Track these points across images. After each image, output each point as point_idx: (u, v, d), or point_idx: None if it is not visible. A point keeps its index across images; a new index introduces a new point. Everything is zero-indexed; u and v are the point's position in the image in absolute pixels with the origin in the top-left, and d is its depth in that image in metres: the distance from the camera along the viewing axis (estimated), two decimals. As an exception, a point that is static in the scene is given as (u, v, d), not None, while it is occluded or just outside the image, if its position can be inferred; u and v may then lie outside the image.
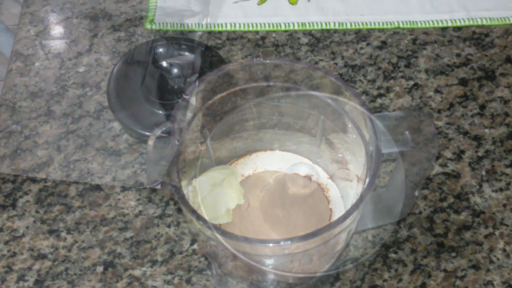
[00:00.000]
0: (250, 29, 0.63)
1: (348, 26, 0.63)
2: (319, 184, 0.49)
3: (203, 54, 0.58)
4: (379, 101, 0.57)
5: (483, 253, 0.49)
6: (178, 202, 0.47)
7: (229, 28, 0.63)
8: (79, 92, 0.59)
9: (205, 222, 0.37)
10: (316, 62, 0.60)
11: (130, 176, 0.53)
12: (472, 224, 0.50)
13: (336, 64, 0.60)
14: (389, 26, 0.63)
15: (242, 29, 0.63)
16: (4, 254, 0.50)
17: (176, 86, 0.56)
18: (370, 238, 0.49)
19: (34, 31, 0.64)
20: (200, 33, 0.62)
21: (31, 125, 0.56)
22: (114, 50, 0.62)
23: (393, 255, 0.49)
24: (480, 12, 0.64)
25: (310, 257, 0.42)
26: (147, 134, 0.53)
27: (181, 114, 0.42)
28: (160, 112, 0.54)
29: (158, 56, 0.58)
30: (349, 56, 0.61)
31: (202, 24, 0.63)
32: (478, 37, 0.62)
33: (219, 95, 0.44)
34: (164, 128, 0.41)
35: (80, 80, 0.59)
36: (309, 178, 0.45)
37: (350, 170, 0.47)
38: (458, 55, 0.61)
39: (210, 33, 0.62)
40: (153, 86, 0.56)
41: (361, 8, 0.64)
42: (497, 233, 0.50)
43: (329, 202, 0.49)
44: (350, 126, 0.43)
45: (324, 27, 0.63)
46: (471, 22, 0.63)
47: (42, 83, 0.59)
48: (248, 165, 0.51)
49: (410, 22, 0.63)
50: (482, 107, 0.57)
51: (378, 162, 0.38)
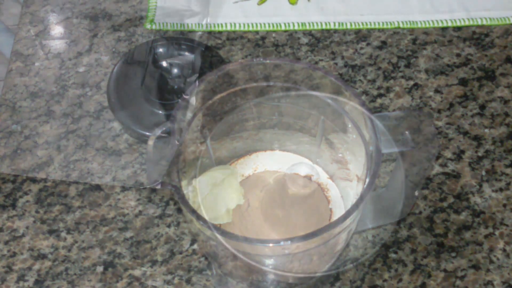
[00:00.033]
0: (250, 29, 0.63)
1: (348, 26, 0.63)
2: (319, 184, 0.49)
3: (203, 54, 0.58)
4: (379, 101, 0.57)
5: (483, 253, 0.49)
6: (178, 202, 0.47)
7: (229, 28, 0.63)
8: (79, 92, 0.59)
9: (205, 222, 0.37)
10: (316, 62, 0.60)
11: (130, 176, 0.53)
12: (472, 224, 0.50)
13: (336, 64, 0.60)
14: (389, 26, 0.63)
15: (242, 29, 0.63)
16: (4, 254, 0.50)
17: (176, 86, 0.56)
18: (370, 238, 0.49)
19: (34, 31, 0.64)
20: (200, 33, 0.62)
21: (31, 125, 0.56)
22: (114, 50, 0.62)
23: (393, 255, 0.49)
24: (480, 12, 0.64)
25: (310, 257, 0.42)
26: (147, 134, 0.53)
27: (181, 114, 0.42)
28: (160, 112, 0.54)
29: (158, 56, 0.58)
30: (349, 56, 0.61)
31: (202, 24, 0.63)
32: (478, 37, 0.62)
33: (219, 95, 0.44)
34: (164, 128, 0.41)
35: (80, 80, 0.59)
36: (309, 178, 0.45)
37: (350, 170, 0.47)
38: (458, 55, 0.61)
39: (210, 33, 0.62)
40: (153, 86, 0.56)
41: (361, 8, 0.64)
42: (497, 233, 0.50)
43: (329, 202, 0.49)
44: (350, 126, 0.43)
45: (324, 27, 0.63)
46: (471, 22, 0.63)
47: (42, 83, 0.59)
48: (248, 165, 0.51)
49: (410, 22, 0.63)
50: (482, 107, 0.57)
51: (378, 162, 0.38)
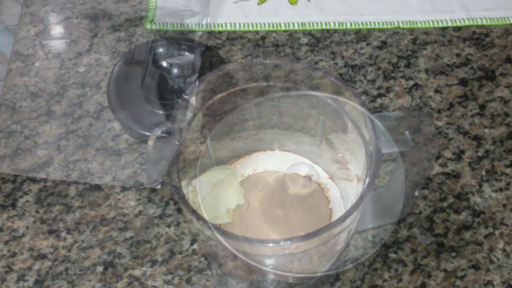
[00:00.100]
0: (250, 29, 0.63)
1: (348, 26, 0.63)
2: (319, 184, 0.49)
3: (203, 54, 0.58)
4: (379, 101, 0.57)
5: (483, 253, 0.49)
6: (178, 202, 0.47)
7: (229, 28, 0.63)
8: (79, 92, 0.59)
9: (205, 222, 0.37)
10: (316, 62, 0.60)
11: (130, 176, 0.53)
12: (472, 224, 0.50)
13: (336, 64, 0.60)
14: (389, 26, 0.63)
15: (242, 29, 0.63)
16: (4, 254, 0.50)
17: (176, 86, 0.56)
18: (370, 238, 0.49)
19: (34, 31, 0.64)
20: (200, 33, 0.62)
21: (31, 125, 0.56)
22: (114, 50, 0.62)
23: (393, 255, 0.49)
24: (480, 12, 0.64)
25: (310, 257, 0.42)
26: (147, 134, 0.53)
27: (181, 114, 0.42)
28: (160, 112, 0.54)
29: (158, 56, 0.58)
30: (349, 56, 0.61)
31: (202, 24, 0.63)
32: (478, 37, 0.62)
33: (219, 95, 0.44)
34: (164, 128, 0.41)
35: (80, 80, 0.59)
36: (309, 178, 0.45)
37: (350, 170, 0.47)
38: (458, 55, 0.60)
39: (210, 33, 0.62)
40: (153, 86, 0.56)
41: (361, 8, 0.64)
42: (497, 233, 0.50)
43: (329, 202, 0.49)
44: (350, 126, 0.43)
45: (324, 27, 0.63)
46: (471, 22, 0.63)
47: (42, 83, 0.59)
48: (248, 165, 0.51)
49: (410, 22, 0.63)
50: (482, 107, 0.57)
51: (378, 162, 0.38)
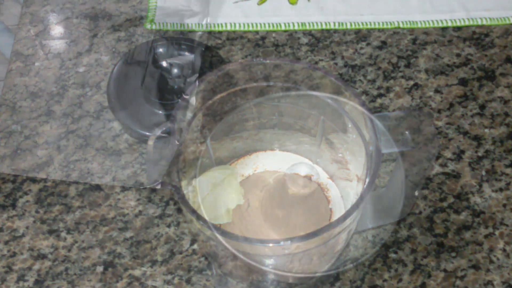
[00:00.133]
0: (250, 29, 0.63)
1: (348, 26, 0.63)
2: (319, 184, 0.49)
3: (203, 54, 0.58)
4: (379, 101, 0.57)
5: (483, 253, 0.49)
6: (178, 202, 0.47)
7: (229, 28, 0.63)
8: (79, 92, 0.59)
9: (205, 222, 0.37)
10: (316, 62, 0.60)
11: (130, 176, 0.53)
12: (472, 224, 0.50)
13: (336, 64, 0.60)
14: (389, 26, 0.63)
15: (242, 29, 0.63)
16: (4, 254, 0.50)
17: (176, 86, 0.56)
18: (370, 238, 0.49)
19: (34, 31, 0.64)
20: (200, 33, 0.62)
21: (31, 125, 0.56)
22: (114, 50, 0.62)
23: (393, 255, 0.49)
24: (480, 12, 0.64)
25: (310, 257, 0.42)
26: (147, 134, 0.53)
27: (181, 114, 0.42)
28: (160, 112, 0.54)
29: (158, 56, 0.58)
30: (349, 56, 0.61)
31: (202, 24, 0.63)
32: (478, 37, 0.62)
33: (219, 95, 0.44)
34: (164, 128, 0.41)
35: (80, 80, 0.59)
36: (309, 178, 0.45)
37: (350, 170, 0.47)
38: (458, 55, 0.60)
39: (210, 33, 0.62)
40: (153, 86, 0.56)
41: (361, 8, 0.64)
42: (497, 233, 0.50)
43: (329, 202, 0.49)
44: (350, 126, 0.43)
45: (324, 27, 0.63)
46: (471, 22, 0.63)
47: (42, 83, 0.59)
48: (248, 165, 0.51)
49: (410, 22, 0.63)
50: (482, 107, 0.57)
51: (378, 162, 0.38)
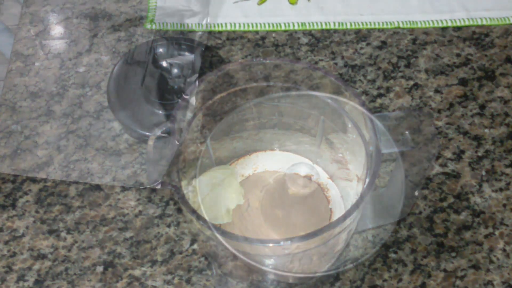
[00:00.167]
0: (250, 29, 0.63)
1: (348, 26, 0.63)
2: (319, 184, 0.49)
3: (203, 54, 0.58)
4: (379, 101, 0.57)
5: (483, 253, 0.49)
6: (178, 202, 0.47)
7: (229, 28, 0.63)
8: (79, 92, 0.59)
9: (205, 222, 0.37)
10: (316, 62, 0.60)
11: (130, 176, 0.53)
12: (472, 224, 0.50)
13: (336, 64, 0.60)
14: (389, 26, 0.63)
15: (242, 29, 0.63)
16: (4, 254, 0.50)
17: (176, 86, 0.56)
18: (370, 238, 0.49)
19: (34, 31, 0.64)
20: (200, 33, 0.62)
21: (31, 125, 0.56)
22: (114, 50, 0.62)
23: (393, 255, 0.49)
24: (480, 12, 0.64)
25: (310, 257, 0.42)
26: (147, 134, 0.53)
27: (181, 114, 0.42)
28: (160, 112, 0.54)
29: (158, 56, 0.58)
30: (349, 56, 0.61)
31: (202, 24, 0.63)
32: (478, 37, 0.62)
33: (219, 95, 0.44)
34: (164, 128, 0.41)
35: (80, 80, 0.59)
36: (309, 178, 0.45)
37: (350, 170, 0.47)
38: (458, 55, 0.61)
39: (210, 33, 0.62)
40: (153, 86, 0.56)
41: (361, 8, 0.64)
42: (497, 233, 0.50)
43: (329, 202, 0.49)
44: (350, 126, 0.43)
45: (324, 27, 0.63)
46: (471, 22, 0.63)
47: (42, 83, 0.59)
48: (248, 165, 0.51)
49: (410, 22, 0.63)
50: (482, 107, 0.57)
51: (378, 162, 0.38)
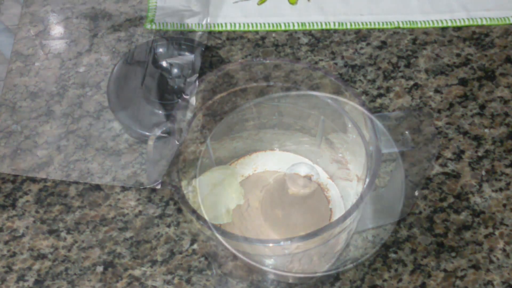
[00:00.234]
0: (250, 29, 0.63)
1: (348, 26, 0.63)
2: (319, 184, 0.49)
3: (203, 54, 0.58)
4: (379, 101, 0.57)
5: (483, 253, 0.49)
6: (178, 202, 0.47)
7: (229, 28, 0.63)
8: (79, 92, 0.59)
9: (205, 222, 0.37)
10: (316, 62, 0.60)
11: (130, 176, 0.53)
12: (472, 224, 0.50)
13: (336, 64, 0.60)
14: (389, 26, 0.63)
15: (242, 29, 0.63)
16: (4, 254, 0.50)
17: (176, 86, 0.56)
18: (370, 238, 0.49)
19: (34, 31, 0.64)
20: (200, 33, 0.62)
21: (31, 125, 0.56)
22: (114, 50, 0.62)
23: (393, 255, 0.49)
24: (480, 12, 0.64)
25: (310, 257, 0.42)
26: (147, 134, 0.53)
27: (181, 114, 0.42)
28: (160, 112, 0.54)
29: (158, 56, 0.58)
30: (349, 56, 0.61)
31: (202, 24, 0.63)
32: (478, 37, 0.62)
33: (219, 95, 0.44)
34: (164, 128, 0.41)
35: (80, 80, 0.59)
36: (309, 178, 0.45)
37: (350, 170, 0.47)
38: (458, 55, 0.61)
39: (210, 33, 0.62)
40: (153, 86, 0.56)
41: (361, 8, 0.64)
42: (497, 233, 0.50)
43: (329, 202, 0.49)
44: (350, 126, 0.43)
45: (324, 27, 0.63)
46: (471, 22, 0.63)
47: (42, 83, 0.59)
48: (248, 165, 0.51)
49: (410, 22, 0.63)
50: (482, 107, 0.57)
51: (378, 162, 0.38)
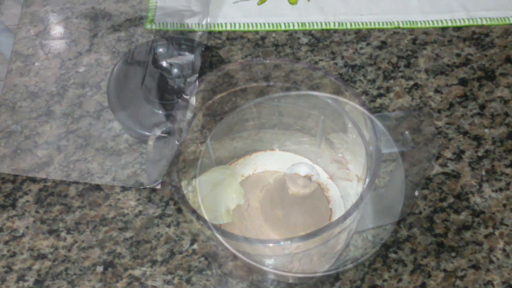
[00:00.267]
0: (250, 29, 0.63)
1: (348, 26, 0.63)
2: (319, 184, 0.49)
3: (203, 54, 0.58)
4: (379, 101, 0.57)
5: (483, 253, 0.49)
6: (178, 202, 0.47)
7: (229, 28, 0.63)
8: (79, 92, 0.59)
9: (205, 222, 0.37)
10: (316, 62, 0.60)
11: (130, 176, 0.53)
12: (472, 224, 0.50)
13: (336, 64, 0.60)
14: (389, 26, 0.63)
15: (242, 29, 0.63)
16: (4, 254, 0.50)
17: (176, 86, 0.56)
18: (370, 238, 0.49)
19: (34, 31, 0.64)
20: (200, 33, 0.62)
21: (31, 125, 0.56)
22: (114, 50, 0.62)
23: (393, 255, 0.49)
24: (480, 12, 0.64)
25: (310, 257, 0.42)
26: (147, 134, 0.53)
27: (181, 114, 0.42)
28: (160, 112, 0.54)
29: (158, 56, 0.58)
30: (349, 56, 0.61)
31: (202, 24, 0.63)
32: (478, 37, 0.62)
33: (219, 95, 0.44)
34: (164, 128, 0.41)
35: (80, 80, 0.59)
36: (309, 178, 0.45)
37: (350, 170, 0.47)
38: (458, 55, 0.61)
39: (210, 33, 0.62)
40: (153, 86, 0.56)
41: (361, 8, 0.64)
42: (497, 233, 0.50)
43: (329, 202, 0.49)
44: (350, 126, 0.43)
45: (324, 27, 0.63)
46: (471, 22, 0.63)
47: (42, 83, 0.59)
48: (248, 165, 0.51)
49: (410, 22, 0.63)
50: (482, 107, 0.57)
51: (378, 162, 0.38)
